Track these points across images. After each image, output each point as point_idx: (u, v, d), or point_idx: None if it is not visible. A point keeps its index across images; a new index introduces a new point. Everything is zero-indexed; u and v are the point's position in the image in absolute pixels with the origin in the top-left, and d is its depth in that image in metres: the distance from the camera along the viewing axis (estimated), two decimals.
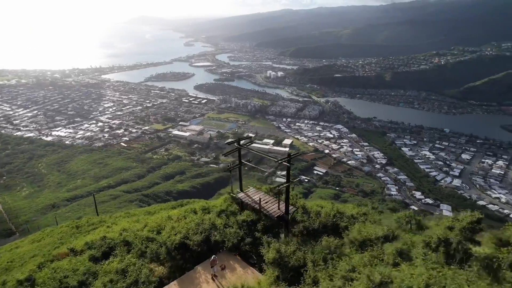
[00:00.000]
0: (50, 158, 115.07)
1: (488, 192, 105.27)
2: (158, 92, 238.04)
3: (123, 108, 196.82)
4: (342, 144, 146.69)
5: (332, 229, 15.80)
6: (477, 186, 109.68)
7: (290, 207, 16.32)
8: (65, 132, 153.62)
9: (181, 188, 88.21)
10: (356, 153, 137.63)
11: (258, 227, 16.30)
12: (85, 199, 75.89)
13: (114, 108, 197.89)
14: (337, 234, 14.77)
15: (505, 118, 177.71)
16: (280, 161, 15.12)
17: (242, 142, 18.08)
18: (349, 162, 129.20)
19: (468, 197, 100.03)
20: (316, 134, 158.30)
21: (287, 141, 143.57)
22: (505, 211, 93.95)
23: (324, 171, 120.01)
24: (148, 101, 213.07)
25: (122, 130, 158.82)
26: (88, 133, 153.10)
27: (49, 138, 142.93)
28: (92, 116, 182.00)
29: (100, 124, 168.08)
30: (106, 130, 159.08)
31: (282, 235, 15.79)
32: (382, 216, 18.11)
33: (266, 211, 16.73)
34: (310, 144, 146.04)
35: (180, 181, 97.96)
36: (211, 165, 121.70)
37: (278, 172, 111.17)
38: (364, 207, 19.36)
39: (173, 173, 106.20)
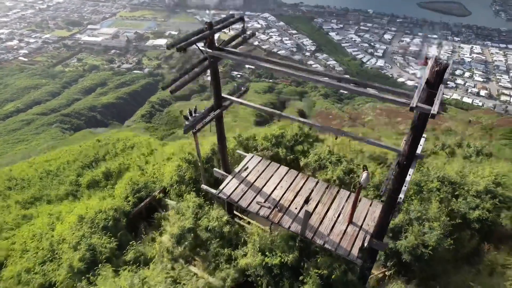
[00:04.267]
0: None
1: (407, 69, 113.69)
2: None
3: (8, 13, 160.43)
4: (271, 34, 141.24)
5: None
6: (398, 64, 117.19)
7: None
8: None
9: (106, 101, 79.94)
10: (285, 42, 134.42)
11: None
12: None
13: None
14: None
15: None
16: None
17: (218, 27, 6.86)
18: (279, 52, 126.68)
19: (391, 76, 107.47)
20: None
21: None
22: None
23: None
24: (40, 1, 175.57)
25: (16, 42, 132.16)
26: None
27: None
28: None
29: None
30: None
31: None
32: None
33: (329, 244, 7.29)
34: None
35: (103, 93, 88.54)
36: (135, 71, 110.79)
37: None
38: None
39: (93, 85, 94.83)
